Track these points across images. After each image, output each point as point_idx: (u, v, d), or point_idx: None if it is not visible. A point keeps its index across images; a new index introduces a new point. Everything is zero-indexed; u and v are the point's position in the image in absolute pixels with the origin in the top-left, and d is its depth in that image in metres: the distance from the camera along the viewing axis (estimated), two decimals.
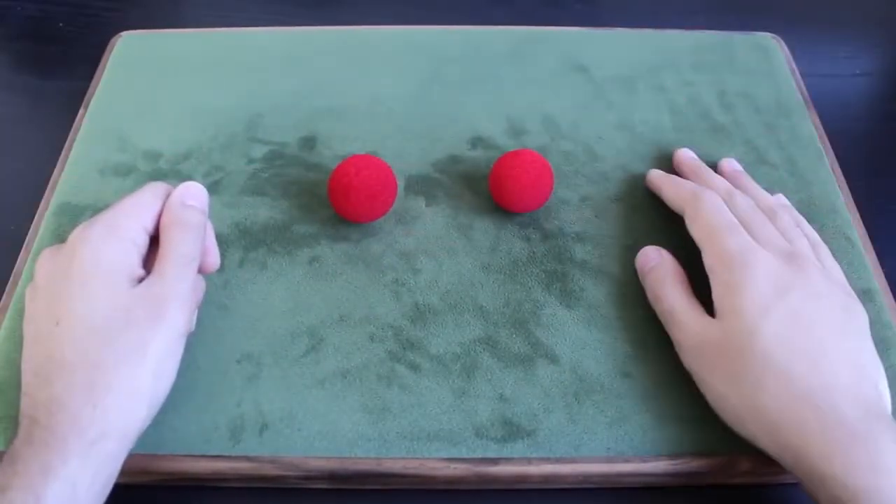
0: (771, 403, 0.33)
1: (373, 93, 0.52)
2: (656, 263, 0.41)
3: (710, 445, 0.36)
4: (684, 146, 0.48)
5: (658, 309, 0.40)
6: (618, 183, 0.47)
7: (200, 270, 0.37)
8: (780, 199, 0.44)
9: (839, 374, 0.33)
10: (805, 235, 0.40)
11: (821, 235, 0.41)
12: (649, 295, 0.41)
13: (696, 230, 0.40)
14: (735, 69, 0.54)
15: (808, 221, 0.42)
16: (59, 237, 0.43)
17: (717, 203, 0.40)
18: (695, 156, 0.47)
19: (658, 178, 0.45)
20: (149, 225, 0.36)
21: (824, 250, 0.40)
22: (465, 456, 0.36)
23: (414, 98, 0.51)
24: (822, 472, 0.31)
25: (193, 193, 0.37)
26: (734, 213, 0.40)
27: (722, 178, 0.44)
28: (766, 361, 0.34)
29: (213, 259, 0.39)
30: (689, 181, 0.44)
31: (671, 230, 0.44)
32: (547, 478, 0.36)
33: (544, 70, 0.54)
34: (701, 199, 0.41)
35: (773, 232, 0.39)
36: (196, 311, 0.38)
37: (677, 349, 0.38)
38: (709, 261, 0.38)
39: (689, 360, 0.37)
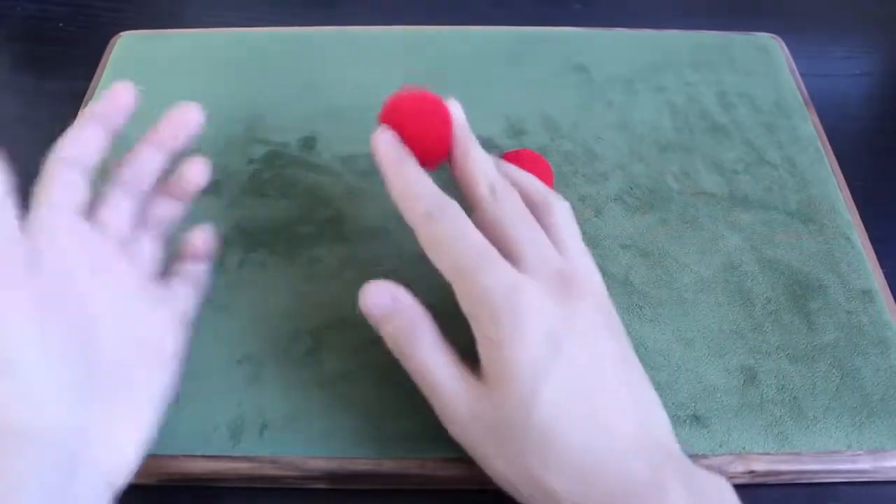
0: (557, 481, 0.28)
1: (373, 93, 0.51)
2: (393, 311, 0.33)
3: (710, 445, 0.36)
4: (684, 146, 0.48)
5: (408, 368, 0.32)
6: (618, 183, 0.47)
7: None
8: (535, 182, 0.36)
9: (627, 425, 0.29)
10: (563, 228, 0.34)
11: (821, 235, 0.41)
12: (392, 347, 0.33)
13: (439, 262, 0.32)
14: (735, 69, 0.54)
15: (808, 222, 0.42)
16: None
17: (458, 224, 0.31)
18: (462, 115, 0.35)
19: (385, 159, 0.33)
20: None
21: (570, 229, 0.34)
22: (466, 456, 0.36)
23: None
24: None
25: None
26: (495, 221, 0.32)
27: (487, 159, 0.34)
28: (547, 436, 0.29)
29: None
30: (425, 184, 0.33)
31: (672, 230, 0.44)
32: None
33: (544, 70, 0.54)
34: (437, 220, 0.31)
35: (544, 244, 0.32)
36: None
37: (441, 419, 0.32)
38: (465, 306, 0.31)
39: (458, 434, 0.31)
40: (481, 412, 0.30)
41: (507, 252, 0.32)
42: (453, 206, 0.32)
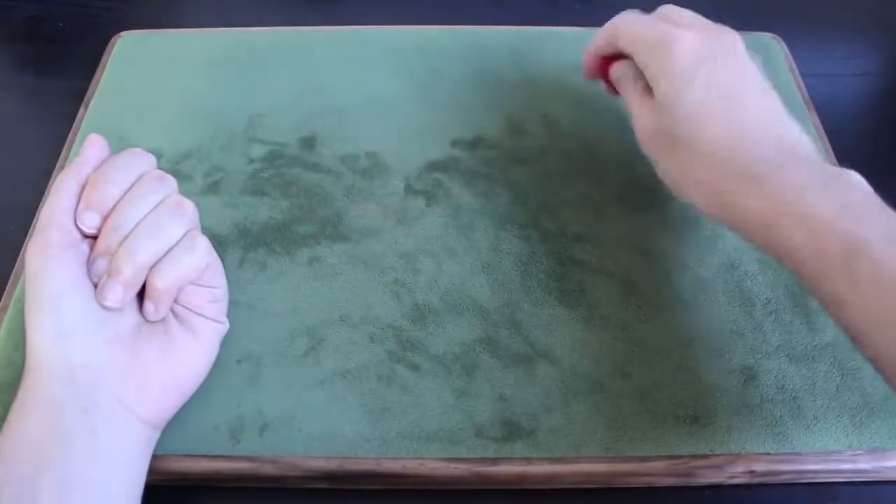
0: (700, 168, 0.36)
1: (373, 93, 0.52)
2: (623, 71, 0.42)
3: (710, 445, 0.36)
4: None
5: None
6: (618, 183, 0.47)
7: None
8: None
9: (760, 119, 0.36)
10: None
11: None
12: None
13: (623, 44, 0.40)
14: None
15: None
16: None
17: (629, 14, 0.41)
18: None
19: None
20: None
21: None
22: (465, 456, 0.36)
23: (414, 98, 0.51)
24: (745, 209, 0.33)
25: None
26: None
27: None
28: (691, 129, 0.36)
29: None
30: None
31: (672, 230, 0.44)
32: (547, 478, 0.36)
33: (544, 70, 0.54)
34: (613, 22, 0.42)
35: (694, 16, 0.40)
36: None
37: (638, 138, 0.40)
38: (640, 59, 0.39)
39: (646, 145, 0.39)
40: (655, 122, 0.38)
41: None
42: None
